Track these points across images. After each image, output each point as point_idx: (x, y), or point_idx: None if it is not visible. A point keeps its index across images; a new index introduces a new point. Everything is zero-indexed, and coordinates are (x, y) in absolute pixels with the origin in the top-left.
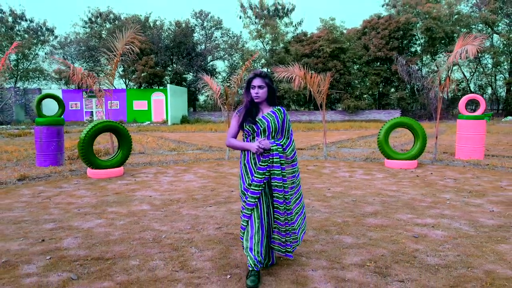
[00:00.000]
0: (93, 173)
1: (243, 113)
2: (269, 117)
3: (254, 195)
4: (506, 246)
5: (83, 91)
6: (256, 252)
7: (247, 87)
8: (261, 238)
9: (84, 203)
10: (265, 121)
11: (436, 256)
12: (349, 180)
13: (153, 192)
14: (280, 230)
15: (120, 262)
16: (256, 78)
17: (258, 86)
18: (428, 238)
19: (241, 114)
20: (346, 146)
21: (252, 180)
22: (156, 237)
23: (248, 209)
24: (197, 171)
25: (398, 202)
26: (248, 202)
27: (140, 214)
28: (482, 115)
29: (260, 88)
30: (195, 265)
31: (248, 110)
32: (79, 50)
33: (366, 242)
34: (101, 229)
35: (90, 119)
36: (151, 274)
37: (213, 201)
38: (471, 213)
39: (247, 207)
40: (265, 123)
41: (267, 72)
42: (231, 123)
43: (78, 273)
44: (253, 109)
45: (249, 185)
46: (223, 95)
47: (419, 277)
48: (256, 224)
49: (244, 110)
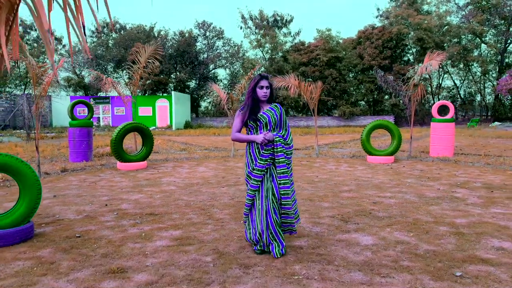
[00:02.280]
0: (122, 165)
1: (247, 112)
2: (269, 112)
3: (257, 178)
4: (436, 207)
5: (90, 97)
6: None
7: (253, 87)
8: (260, 219)
9: (123, 186)
10: (266, 116)
11: (384, 212)
12: (334, 171)
13: (176, 178)
14: (289, 213)
15: (166, 216)
16: (263, 79)
17: (266, 86)
18: (383, 203)
19: (244, 112)
20: (337, 147)
21: (255, 165)
22: (186, 203)
23: (252, 190)
24: (208, 165)
25: (369, 184)
26: (252, 184)
27: (170, 191)
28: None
29: (267, 88)
30: (218, 216)
31: (252, 108)
32: (87, 58)
33: (338, 205)
34: (145, 199)
35: (97, 124)
36: (189, 221)
37: (225, 184)
38: (422, 190)
39: (251, 189)
40: (266, 118)
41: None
42: (235, 121)
43: (139, 220)
44: (255, 107)
45: (252, 169)
46: (229, 101)
47: (369, 222)
48: (258, 205)
49: (248, 109)
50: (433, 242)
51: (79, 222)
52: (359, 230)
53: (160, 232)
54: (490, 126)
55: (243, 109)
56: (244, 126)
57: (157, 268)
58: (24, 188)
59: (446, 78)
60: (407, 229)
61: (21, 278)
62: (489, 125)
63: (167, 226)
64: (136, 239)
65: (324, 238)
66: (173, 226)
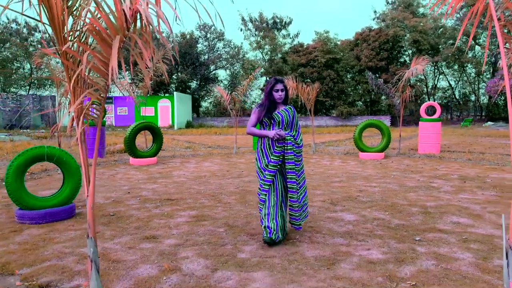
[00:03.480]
0: (134, 161)
1: (264, 110)
2: (283, 113)
3: (271, 173)
4: (412, 193)
5: None
6: (273, 225)
7: (269, 90)
8: (275, 212)
9: (139, 178)
10: (280, 116)
11: (368, 198)
12: (328, 166)
13: (185, 172)
14: (294, 206)
15: (181, 200)
16: (278, 83)
17: (281, 89)
18: (368, 191)
19: (261, 110)
20: (333, 145)
21: (268, 161)
22: (198, 191)
23: (266, 185)
24: (213, 161)
25: (358, 176)
26: (266, 179)
27: (182, 182)
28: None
29: (282, 91)
30: (226, 201)
31: (268, 107)
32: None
33: (329, 193)
34: (161, 188)
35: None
36: (202, 204)
37: (229, 176)
38: (404, 181)
39: (266, 183)
40: (280, 117)
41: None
42: (252, 117)
43: (160, 204)
44: (271, 106)
45: (266, 165)
46: (231, 102)
47: (354, 205)
48: (273, 198)
49: (265, 108)
50: (404, 219)
51: (109, 205)
52: (344, 211)
53: (179, 212)
54: (484, 125)
55: (259, 107)
56: (259, 122)
57: (181, 236)
58: (69, 175)
59: (442, 79)
60: (384, 210)
61: (76, 242)
62: (483, 125)
63: (184, 208)
64: (160, 217)
65: (315, 216)
66: (189, 208)
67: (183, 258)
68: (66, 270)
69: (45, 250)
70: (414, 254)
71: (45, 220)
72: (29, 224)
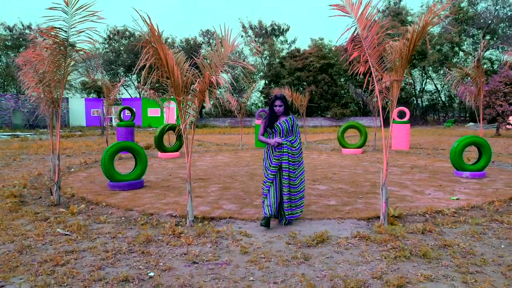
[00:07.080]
0: (162, 155)
1: (267, 121)
2: (283, 124)
3: (273, 173)
4: (371, 176)
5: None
6: (273, 208)
7: (271, 105)
8: (275, 200)
9: (171, 166)
10: (280, 126)
11: (338, 178)
12: (315, 159)
13: (204, 162)
14: (285, 199)
15: (209, 179)
16: (277, 100)
17: (278, 105)
18: (340, 174)
19: (265, 121)
20: (323, 143)
21: (271, 163)
22: (219, 174)
23: (269, 181)
24: (224, 155)
25: (337, 165)
26: (269, 177)
27: (205, 169)
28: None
29: (279, 106)
30: (241, 179)
31: (270, 119)
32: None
33: (312, 175)
34: (191, 172)
35: (110, 124)
36: (224, 181)
37: (239, 165)
38: (369, 168)
39: (268, 180)
40: (280, 128)
41: (282, 94)
42: (261, 126)
43: (195, 181)
44: (273, 118)
45: (269, 165)
46: (238, 106)
47: (327, 181)
48: (272, 192)
49: (268, 119)
50: (357, 188)
51: (160, 182)
52: (320, 184)
53: (210, 185)
54: (466, 126)
55: (265, 118)
56: (265, 131)
57: (216, 196)
58: (140, 160)
59: (429, 83)
60: (346, 184)
61: (155, 198)
62: (465, 125)
63: (212, 183)
64: (199, 188)
65: None
66: (216, 183)
67: (222, 204)
68: (159, 208)
69: (140, 201)
70: (355, 203)
71: (127, 188)
72: (118, 190)
